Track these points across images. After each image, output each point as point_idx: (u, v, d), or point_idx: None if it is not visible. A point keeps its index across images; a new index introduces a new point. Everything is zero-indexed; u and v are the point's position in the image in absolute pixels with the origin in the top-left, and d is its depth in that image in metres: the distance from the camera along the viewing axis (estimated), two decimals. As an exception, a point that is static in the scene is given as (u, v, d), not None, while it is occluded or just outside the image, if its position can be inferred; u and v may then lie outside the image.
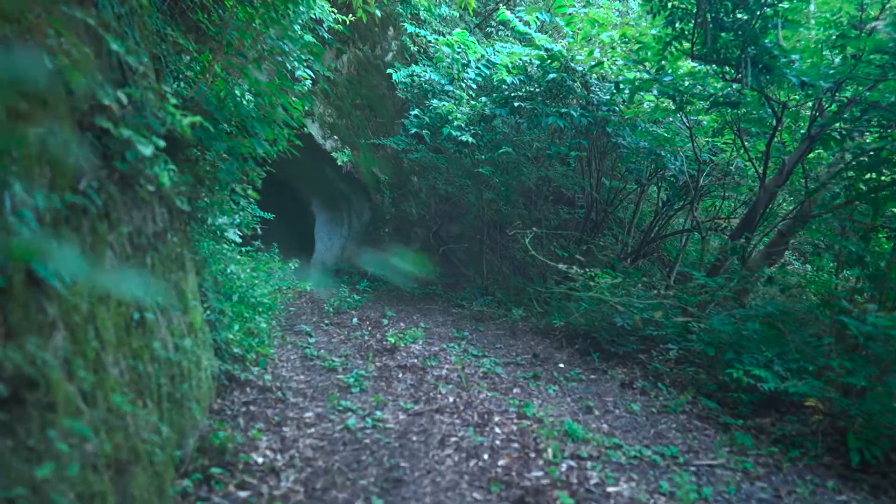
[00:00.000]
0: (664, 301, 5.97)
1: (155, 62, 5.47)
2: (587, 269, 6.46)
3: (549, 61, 8.16)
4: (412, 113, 9.19)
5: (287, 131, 6.52)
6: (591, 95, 7.82)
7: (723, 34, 5.71)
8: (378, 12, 11.48)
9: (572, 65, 8.04)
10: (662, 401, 5.45)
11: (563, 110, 7.73)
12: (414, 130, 9.10)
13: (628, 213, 10.97)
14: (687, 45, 5.98)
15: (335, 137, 11.96)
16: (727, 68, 6.16)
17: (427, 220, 12.75)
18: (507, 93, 9.05)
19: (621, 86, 6.93)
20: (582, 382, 5.98)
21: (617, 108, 7.76)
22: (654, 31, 6.29)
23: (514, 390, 5.67)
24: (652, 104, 7.60)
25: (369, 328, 7.55)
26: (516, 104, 8.50)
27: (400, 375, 5.88)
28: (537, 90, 8.67)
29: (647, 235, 9.91)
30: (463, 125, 8.85)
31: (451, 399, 5.29)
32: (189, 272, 4.83)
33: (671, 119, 7.76)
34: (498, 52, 9.88)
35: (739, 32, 5.61)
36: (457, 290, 10.78)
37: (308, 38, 9.65)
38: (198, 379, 4.52)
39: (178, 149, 4.65)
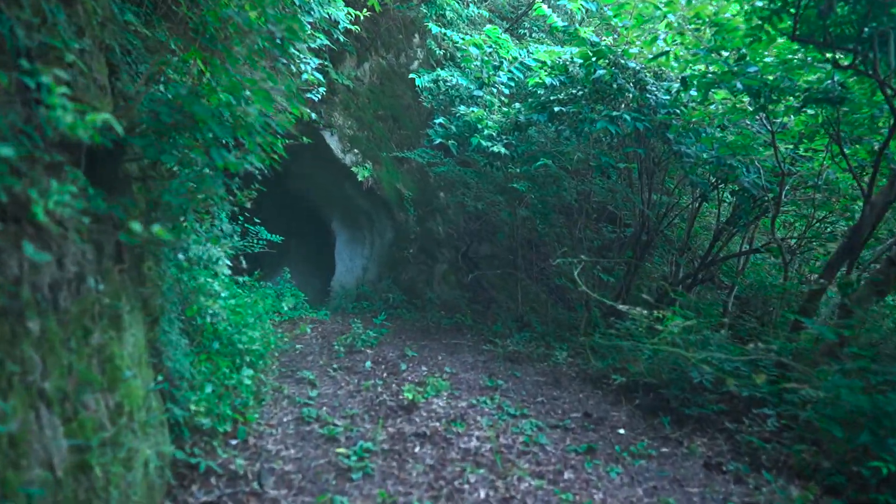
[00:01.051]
0: (758, 353, 4.42)
1: (111, 55, 4.17)
2: (653, 311, 4.95)
3: (594, 58, 6.69)
4: (436, 121, 7.76)
5: (278, 140, 5.17)
6: (647, 96, 6.32)
7: (840, 5, 4.19)
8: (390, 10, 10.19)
9: (623, 61, 6.55)
10: (768, 495, 3.90)
11: (615, 114, 6.25)
12: (438, 140, 7.67)
13: (678, 231, 9.37)
14: (788, 22, 4.46)
15: (355, 151, 10.62)
16: (839, 54, 4.63)
17: (455, 240, 11.31)
18: (545, 96, 7.60)
19: (690, 81, 5.43)
20: (652, 460, 4.44)
21: (680, 110, 6.24)
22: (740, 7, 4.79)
23: (566, 475, 4.16)
24: (723, 104, 6.07)
25: (385, 374, 6.10)
26: (556, 109, 7.03)
27: (417, 450, 4.41)
28: (580, 92, 7.19)
29: (705, 257, 8.31)
30: (494, 134, 7.41)
31: (481, 494, 3.82)
32: (128, 329, 3.45)
33: (747, 122, 6.22)
34: (532, 53, 8.44)
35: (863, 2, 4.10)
36: (488, 320, 9.29)
37: (322, 39, 8.33)
38: (128, 484, 3.13)
39: (102, 161, 3.31)
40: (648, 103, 6.40)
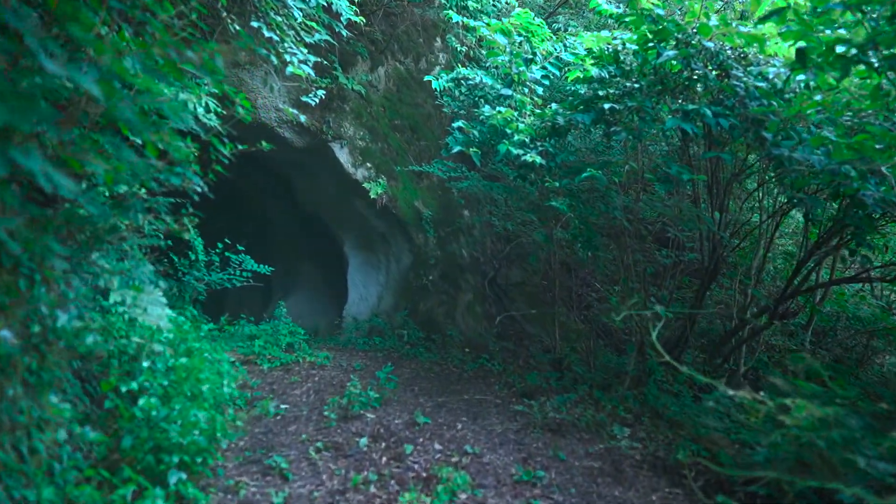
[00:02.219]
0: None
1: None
2: (775, 397, 3.18)
3: (656, 39, 4.96)
4: (455, 125, 6.06)
5: (226, 146, 3.58)
6: (734, 84, 4.55)
7: None
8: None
9: (697, 40, 4.80)
10: None
11: (691, 107, 4.50)
12: (457, 149, 5.96)
13: (745, 256, 7.48)
14: None
15: (368, 165, 9.00)
16: None
17: (481, 264, 9.58)
18: (590, 92, 5.86)
19: (810, 55, 3.65)
20: None
21: (776, 102, 4.45)
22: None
23: None
24: (845, 93, 4.28)
25: (384, 458, 4.38)
26: (606, 106, 5.30)
27: None
28: (637, 85, 5.45)
29: (786, 287, 6.43)
30: (526, 140, 5.70)
31: None
32: None
33: (866, 113, 4.41)
34: (569, 47, 6.72)
35: None
36: (519, 363, 7.53)
37: (323, 34, 6.72)
38: None
39: None
40: (734, 93, 4.61)
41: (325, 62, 7.54)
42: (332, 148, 8.85)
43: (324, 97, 8.79)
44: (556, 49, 6.68)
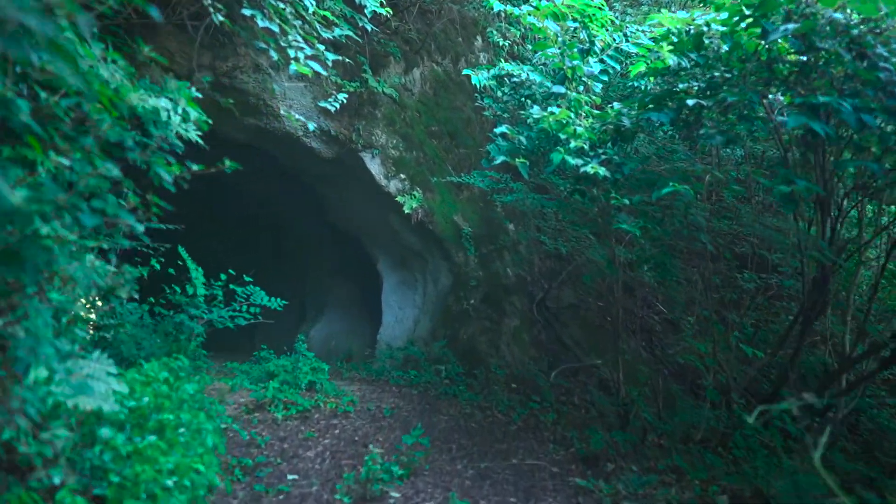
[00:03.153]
0: None
1: None
2: None
3: (758, 13, 3.71)
4: (498, 130, 4.88)
5: (173, 167, 2.51)
6: (880, 66, 3.25)
7: None
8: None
9: (818, 10, 3.52)
10: None
11: (823, 100, 3.23)
12: (500, 159, 4.79)
13: (852, 285, 6.04)
14: None
15: (401, 176, 7.91)
16: None
17: (528, 285, 8.37)
18: (663, 87, 4.63)
19: None
20: None
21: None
22: None
23: None
24: None
25: (409, 568, 3.28)
26: (690, 103, 4.06)
27: None
28: (728, 75, 4.19)
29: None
30: (585, 147, 4.50)
31: None
32: None
33: None
34: (633, 36, 5.48)
35: None
36: (574, 399, 6.32)
37: (344, 28, 5.65)
38: None
39: None
40: (875, 81, 3.32)
41: (350, 61, 6.48)
42: (363, 158, 7.81)
43: (353, 102, 7.76)
44: (615, 39, 5.45)
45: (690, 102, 4.05)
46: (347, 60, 6.50)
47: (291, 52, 3.66)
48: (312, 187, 9.40)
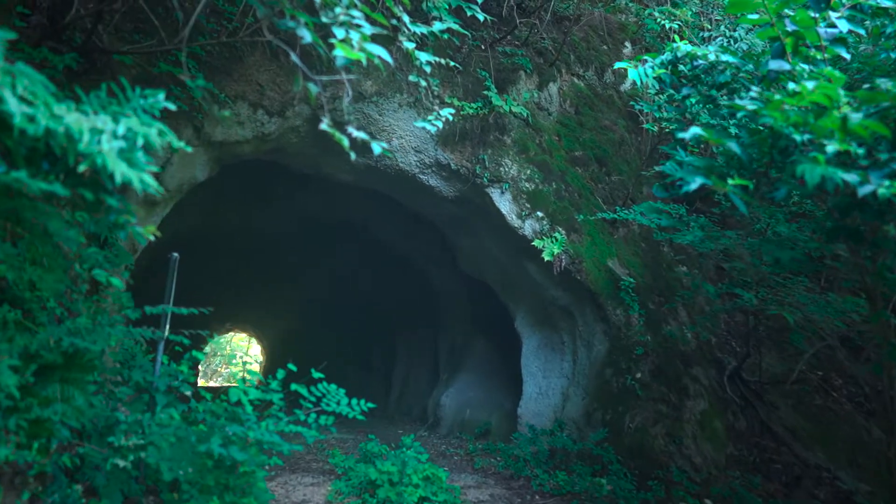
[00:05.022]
0: None
1: None
2: None
3: None
4: (688, 134, 3.00)
5: None
6: None
7: None
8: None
9: None
10: None
11: None
12: (697, 182, 2.90)
13: None
14: None
15: (539, 214, 6.19)
16: None
17: (713, 350, 6.16)
18: None
19: None
20: None
21: None
22: None
23: None
24: None
25: None
26: None
27: None
28: None
29: None
30: (859, 151, 2.52)
31: None
32: None
33: None
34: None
35: None
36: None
37: (446, 19, 4.15)
38: None
39: None
40: None
41: (456, 65, 4.98)
42: (490, 194, 6.24)
43: (474, 127, 6.25)
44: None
45: None
46: (446, 62, 4.92)
47: (340, 32, 2.17)
48: (443, 232, 8.01)
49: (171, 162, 4.76)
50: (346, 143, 2.32)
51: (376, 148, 2.29)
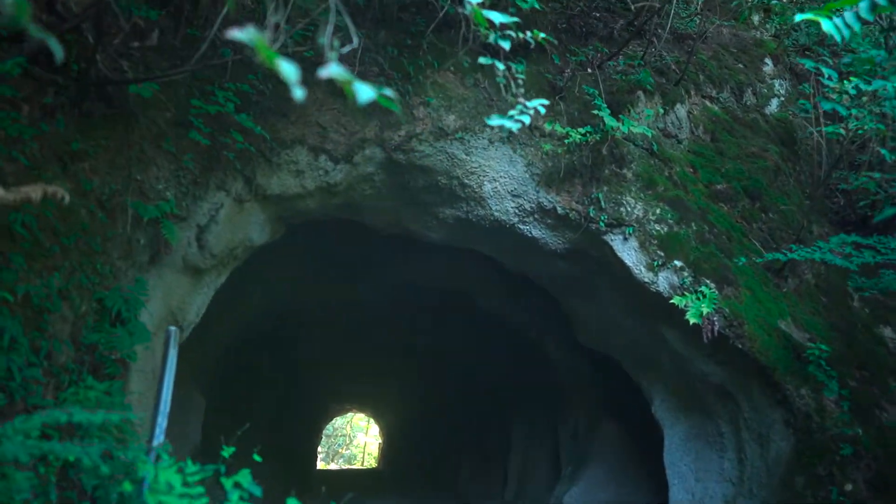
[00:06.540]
0: None
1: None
2: None
3: None
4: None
5: None
6: None
7: None
8: None
9: None
10: None
11: None
12: None
13: None
14: None
15: (676, 264, 4.67)
16: None
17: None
18: None
19: None
20: None
21: None
22: None
23: None
24: None
25: None
26: None
27: None
28: None
29: None
30: None
31: None
32: None
33: None
34: None
35: None
36: None
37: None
38: None
39: None
40: None
41: (555, 76, 3.84)
42: (610, 242, 4.89)
43: (584, 161, 5.02)
44: None
45: None
46: (540, 71, 3.75)
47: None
48: (556, 297, 6.67)
49: (216, 220, 3.96)
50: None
51: (364, 93, 1.15)
